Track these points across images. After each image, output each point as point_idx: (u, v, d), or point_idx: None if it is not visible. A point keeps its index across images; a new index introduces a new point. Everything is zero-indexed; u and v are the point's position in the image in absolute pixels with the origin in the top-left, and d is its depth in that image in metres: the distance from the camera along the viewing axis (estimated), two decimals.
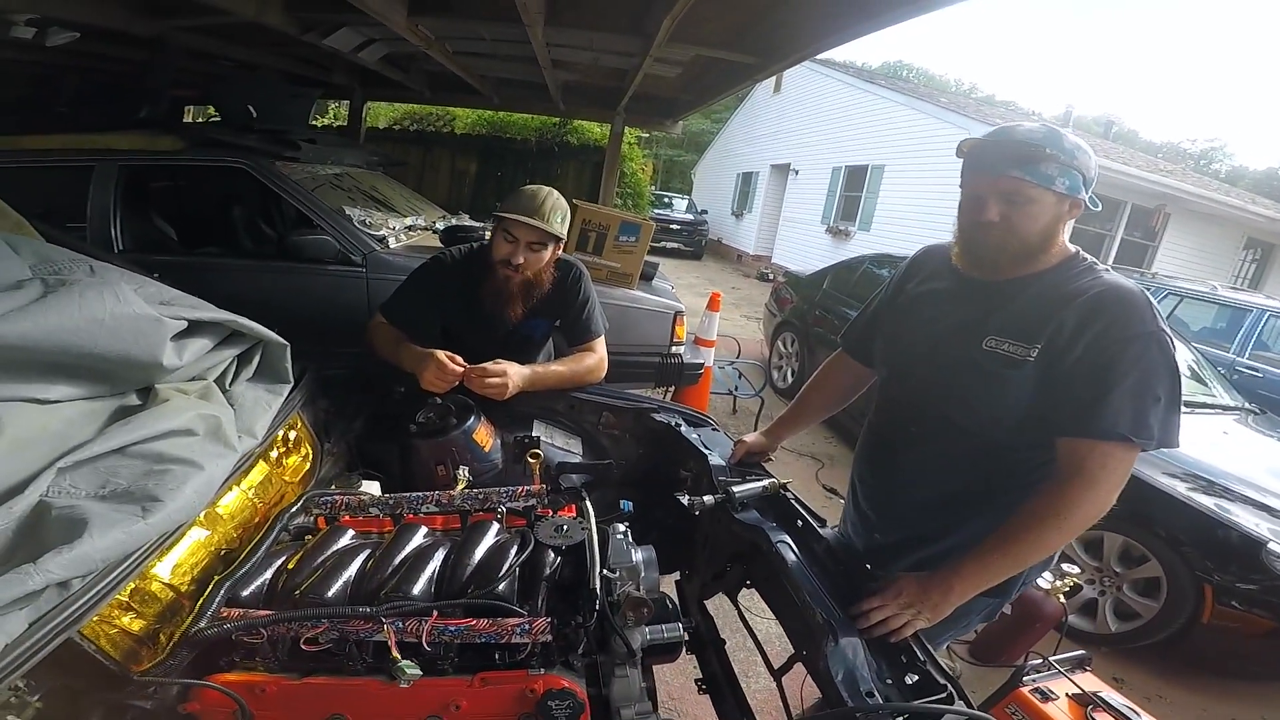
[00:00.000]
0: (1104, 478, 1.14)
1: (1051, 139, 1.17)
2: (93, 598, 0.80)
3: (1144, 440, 1.13)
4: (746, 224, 17.29)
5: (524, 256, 1.83)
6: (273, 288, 3.21)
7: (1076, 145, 1.18)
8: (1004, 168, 1.19)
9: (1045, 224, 1.22)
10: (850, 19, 2.92)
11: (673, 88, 5.42)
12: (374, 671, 0.96)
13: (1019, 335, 1.22)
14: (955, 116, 10.00)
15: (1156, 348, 1.14)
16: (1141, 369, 1.13)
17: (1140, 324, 1.15)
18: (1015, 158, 1.18)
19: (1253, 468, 2.91)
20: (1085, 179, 1.19)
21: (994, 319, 1.27)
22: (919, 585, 1.16)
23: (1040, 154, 1.16)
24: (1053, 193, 1.18)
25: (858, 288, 5.14)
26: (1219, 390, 3.83)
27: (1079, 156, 1.17)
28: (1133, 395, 1.13)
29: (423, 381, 1.64)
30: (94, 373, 1.00)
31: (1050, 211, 1.21)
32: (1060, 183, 1.17)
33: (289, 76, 5.98)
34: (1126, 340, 1.14)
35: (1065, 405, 1.18)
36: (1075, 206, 1.22)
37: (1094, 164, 1.20)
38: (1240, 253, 11.54)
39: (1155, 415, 1.13)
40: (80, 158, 3.16)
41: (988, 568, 1.18)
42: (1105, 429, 1.13)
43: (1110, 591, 2.84)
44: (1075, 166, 1.17)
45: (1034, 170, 1.17)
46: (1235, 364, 5.41)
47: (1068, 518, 1.15)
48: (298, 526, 1.25)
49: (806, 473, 4.15)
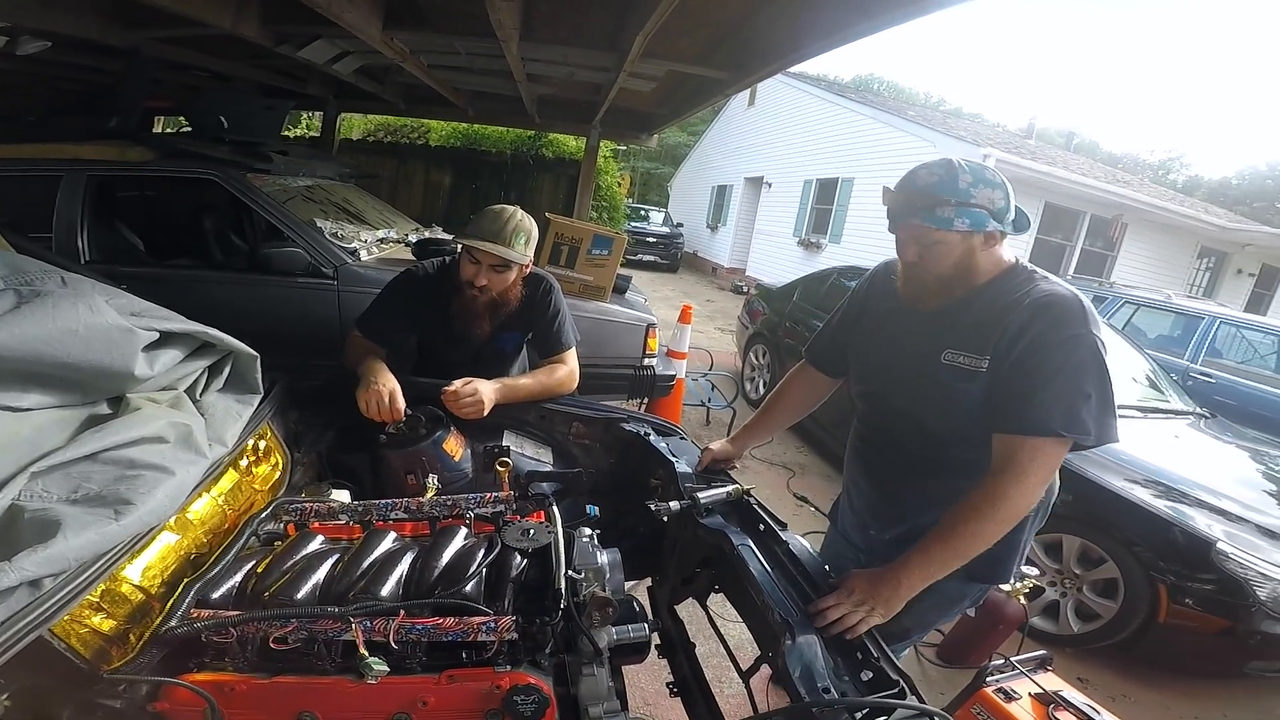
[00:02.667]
0: (1032, 471, 1.21)
1: (945, 184, 1.26)
2: (64, 597, 0.82)
3: (1078, 435, 1.20)
4: (721, 237, 17.43)
5: (487, 279, 1.86)
6: (243, 300, 3.20)
7: (975, 183, 1.26)
8: (908, 215, 1.30)
9: (957, 259, 1.32)
10: (819, 33, 2.98)
11: (648, 102, 5.47)
12: (343, 670, 0.97)
13: (972, 348, 1.31)
14: (922, 129, 10.24)
15: (1086, 349, 1.22)
16: (1071, 368, 1.21)
17: (1071, 327, 1.23)
18: (916, 206, 1.29)
19: (1204, 471, 2.99)
20: (993, 211, 1.27)
21: (948, 335, 1.36)
22: (869, 583, 1.21)
23: (936, 200, 1.26)
24: (955, 232, 1.27)
25: (826, 299, 5.20)
26: (1173, 396, 3.93)
27: (977, 194, 1.26)
28: (1063, 393, 1.20)
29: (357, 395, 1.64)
30: (66, 382, 1.02)
31: (958, 248, 1.31)
32: (960, 222, 1.25)
33: (263, 88, 5.95)
34: (1057, 342, 1.22)
35: (1000, 404, 1.26)
36: (990, 237, 1.31)
37: (1000, 195, 1.28)
38: (1195, 261, 11.89)
39: (1087, 412, 1.20)
40: (47, 167, 3.12)
41: (931, 561, 1.24)
42: (1036, 425, 1.21)
43: (1071, 593, 2.89)
44: (974, 205, 1.25)
45: (932, 215, 1.26)
46: (1189, 370, 5.56)
47: (1000, 510, 1.22)
48: (267, 532, 1.27)
49: (778, 482, 4.21)
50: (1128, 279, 9.69)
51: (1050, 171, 9.43)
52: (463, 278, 1.88)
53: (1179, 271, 11.54)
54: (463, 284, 1.89)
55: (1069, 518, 2.84)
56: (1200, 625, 2.55)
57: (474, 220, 1.88)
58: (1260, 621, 2.45)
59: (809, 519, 3.64)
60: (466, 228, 1.88)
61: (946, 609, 1.62)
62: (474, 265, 1.86)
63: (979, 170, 1.28)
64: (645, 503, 1.44)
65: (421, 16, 3.66)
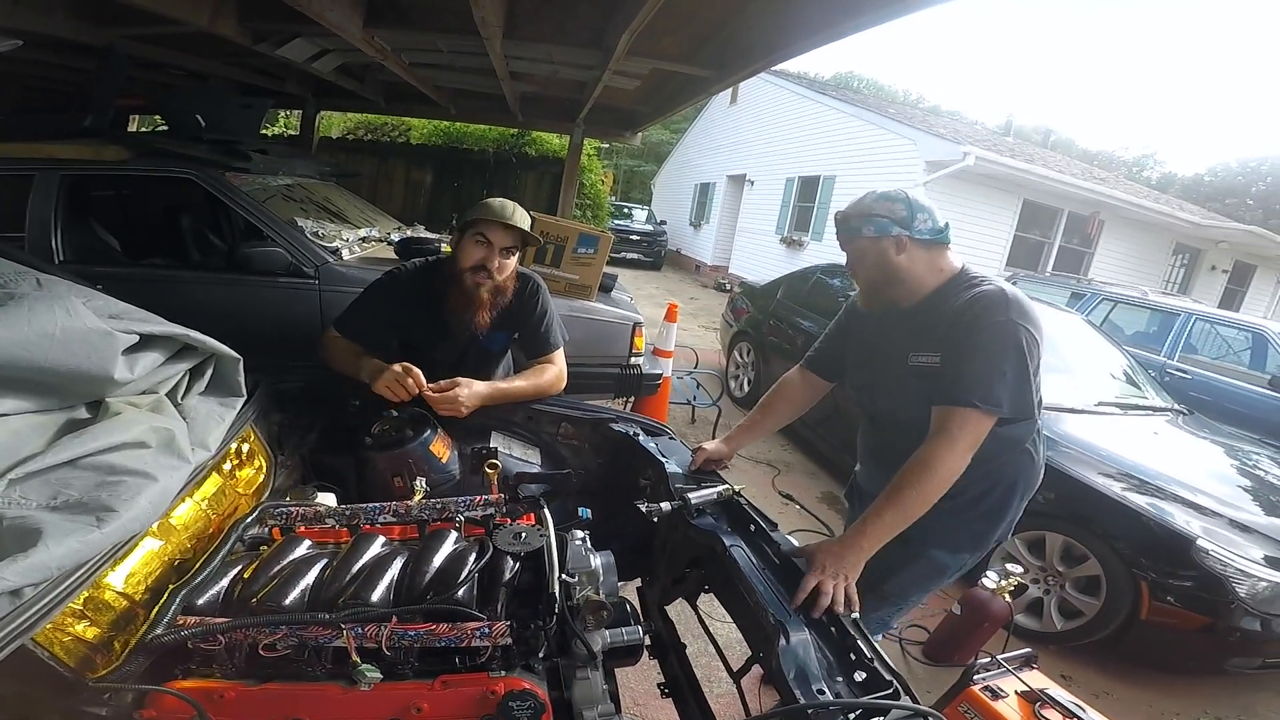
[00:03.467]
0: (960, 437, 1.39)
1: (856, 205, 1.58)
2: (46, 605, 0.81)
3: (991, 407, 1.39)
4: (704, 234, 17.46)
5: (497, 260, 1.85)
6: (222, 300, 3.15)
7: (878, 199, 1.55)
8: (838, 234, 1.64)
9: (874, 260, 1.57)
10: (802, 32, 2.99)
11: (632, 100, 5.47)
12: (334, 676, 0.96)
13: (929, 347, 1.52)
14: (903, 128, 10.28)
15: (1006, 333, 1.41)
16: (991, 350, 1.41)
17: (994, 315, 1.43)
18: (840, 226, 1.62)
19: (1182, 467, 3.01)
20: (895, 219, 1.52)
21: (911, 339, 1.57)
22: (834, 553, 1.31)
23: (848, 218, 1.58)
24: (864, 238, 1.55)
25: (810, 297, 5.25)
26: (1150, 392, 3.97)
27: (877, 206, 1.54)
28: (982, 370, 1.40)
29: (375, 386, 1.65)
30: (43, 386, 1.00)
31: (871, 251, 1.56)
32: (866, 230, 1.54)
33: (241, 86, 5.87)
34: (981, 327, 1.43)
35: (940, 382, 1.46)
36: (899, 242, 1.53)
37: (901, 206, 1.52)
38: (1170, 258, 12.10)
39: (1003, 387, 1.39)
40: (20, 166, 3.06)
41: (884, 522, 1.38)
42: (959, 396, 1.40)
43: (1054, 590, 2.92)
44: (875, 214, 1.53)
45: (846, 228, 1.59)
46: (1166, 367, 5.65)
47: (935, 470, 1.38)
48: (253, 537, 1.25)
49: (763, 479, 4.23)
50: (1105, 276, 9.85)
51: (1029, 169, 9.54)
52: (466, 264, 1.85)
53: (1155, 268, 11.74)
54: (463, 272, 1.86)
55: (1052, 515, 2.87)
56: (1181, 622, 2.57)
57: (478, 207, 1.87)
58: (1240, 618, 2.47)
59: (795, 516, 3.66)
60: (472, 213, 1.87)
61: (927, 580, 1.76)
62: (483, 248, 1.84)
63: (886, 192, 1.56)
64: (635, 503, 1.44)
65: (403, 14, 3.62)
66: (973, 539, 1.69)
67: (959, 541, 1.68)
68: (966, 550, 1.70)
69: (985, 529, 1.68)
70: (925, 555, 1.67)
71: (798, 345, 4.89)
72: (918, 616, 2.82)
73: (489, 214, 1.83)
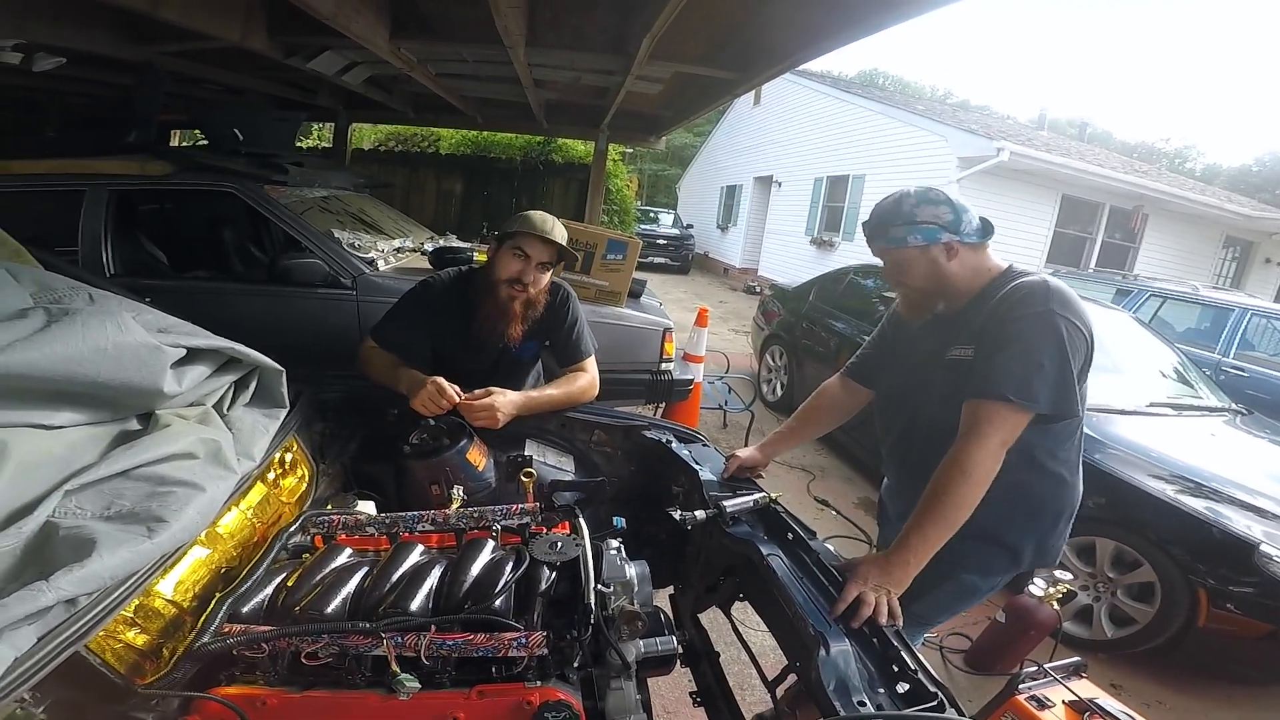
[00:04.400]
0: (991, 433, 1.31)
1: (894, 209, 1.45)
2: (99, 613, 0.83)
3: (1028, 402, 1.30)
4: (732, 237, 17.40)
5: (533, 275, 1.86)
6: (263, 311, 3.23)
7: (920, 203, 1.43)
8: (873, 241, 1.52)
9: (924, 270, 1.47)
10: (824, 32, 2.97)
11: (655, 104, 5.48)
12: (373, 685, 0.97)
13: (966, 341, 1.45)
14: (933, 124, 10.13)
15: (1045, 324, 1.32)
16: (1027, 340, 1.32)
17: (1033, 305, 1.35)
18: (877, 232, 1.49)
19: (1242, 469, 2.90)
20: (942, 224, 1.41)
21: (952, 336, 1.50)
22: (880, 567, 1.27)
23: (889, 224, 1.45)
24: (911, 248, 1.44)
25: (843, 299, 5.17)
26: (1205, 392, 3.83)
27: (921, 212, 1.42)
28: (1018, 362, 1.31)
29: (414, 403, 1.66)
30: (97, 399, 1.03)
31: (920, 261, 1.46)
32: (913, 239, 1.42)
33: (275, 100, 6.02)
34: (1018, 318, 1.35)
35: (972, 376, 1.38)
36: (950, 249, 1.44)
37: (945, 210, 1.42)
38: (1220, 251, 11.68)
39: (1040, 381, 1.30)
40: (72, 182, 3.17)
41: (925, 535, 1.31)
42: (990, 390, 1.32)
43: (1105, 597, 2.84)
44: (920, 221, 1.42)
45: (887, 237, 1.46)
46: (1221, 365, 5.43)
47: (967, 471, 1.30)
48: (296, 545, 1.27)
49: (798, 485, 4.18)
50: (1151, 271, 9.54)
51: (1066, 163, 9.31)
52: (503, 275, 1.87)
53: (1204, 262, 11.37)
54: (498, 283, 1.87)
55: (1103, 520, 2.78)
56: (1242, 630, 2.48)
57: (518, 219, 1.88)
58: None
59: (831, 522, 3.61)
60: (511, 224, 1.88)
61: (957, 602, 1.68)
62: (520, 261, 1.86)
63: (923, 192, 1.44)
64: (668, 510, 1.43)
65: (427, 25, 3.69)
66: (1009, 558, 1.59)
67: (992, 564, 1.60)
68: (999, 573, 1.62)
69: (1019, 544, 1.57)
70: (955, 578, 1.60)
71: (831, 348, 4.83)
72: (960, 624, 2.75)
73: (528, 227, 1.83)
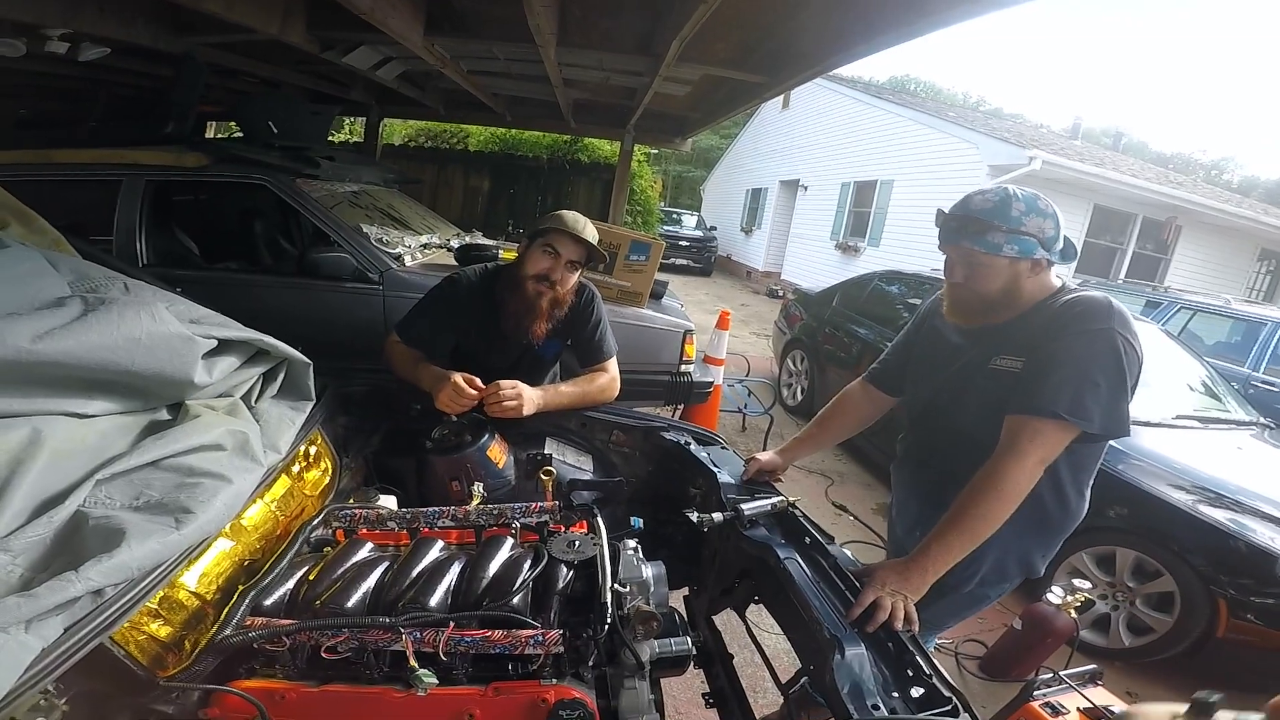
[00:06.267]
0: (1031, 451, 1.27)
1: (1000, 211, 1.33)
2: (125, 604, 0.84)
3: (1080, 421, 1.26)
4: (755, 240, 17.31)
5: (562, 273, 1.87)
6: (291, 304, 3.27)
7: (1028, 211, 1.32)
8: (959, 238, 1.38)
9: (1004, 283, 1.39)
10: (855, 38, 2.94)
11: (682, 106, 5.47)
12: (391, 680, 0.98)
13: (1015, 351, 1.39)
14: (964, 131, 9.99)
15: (1103, 341, 1.28)
16: (1084, 358, 1.27)
17: (1092, 321, 1.30)
18: (969, 230, 1.36)
19: (1268, 482, 2.87)
20: (1042, 240, 1.33)
21: (998, 347, 1.43)
22: (898, 573, 1.25)
23: (988, 226, 1.33)
24: (1004, 258, 1.34)
25: (868, 305, 5.12)
26: (1233, 405, 3.79)
27: (1028, 223, 1.32)
28: (1072, 379, 1.26)
29: (437, 401, 1.67)
30: (130, 389, 1.05)
31: (1005, 273, 1.38)
32: (1010, 249, 1.32)
33: (310, 93, 6.09)
34: (1076, 334, 1.30)
35: (1019, 389, 1.33)
36: (1037, 265, 1.37)
37: (1051, 224, 1.33)
38: (1254, 264, 11.41)
39: (1094, 400, 1.26)
40: (108, 172, 3.23)
41: (948, 545, 1.29)
42: (1041, 406, 1.27)
43: (1123, 606, 2.82)
44: (1024, 233, 1.32)
45: (982, 240, 1.33)
46: (1250, 379, 5.32)
47: (1001, 487, 1.27)
48: (318, 539, 1.29)
49: (816, 490, 4.16)
50: (1183, 283, 9.34)
51: (1100, 173, 9.13)
52: (531, 272, 1.87)
53: (1237, 275, 11.11)
54: (526, 280, 1.88)
55: (1123, 530, 2.77)
56: (1263, 641, 2.47)
57: (550, 217, 1.89)
58: None
59: (848, 527, 3.58)
60: (543, 222, 1.89)
61: (966, 610, 1.66)
62: (550, 259, 1.86)
63: (1032, 199, 1.34)
64: (685, 512, 1.43)
65: (461, 22, 3.71)
66: (1020, 565, 1.56)
67: (1003, 573, 1.57)
68: (1010, 579, 1.59)
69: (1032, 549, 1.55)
70: (967, 585, 1.56)
71: (854, 354, 4.79)
72: (976, 631, 2.73)
73: (561, 224, 1.84)
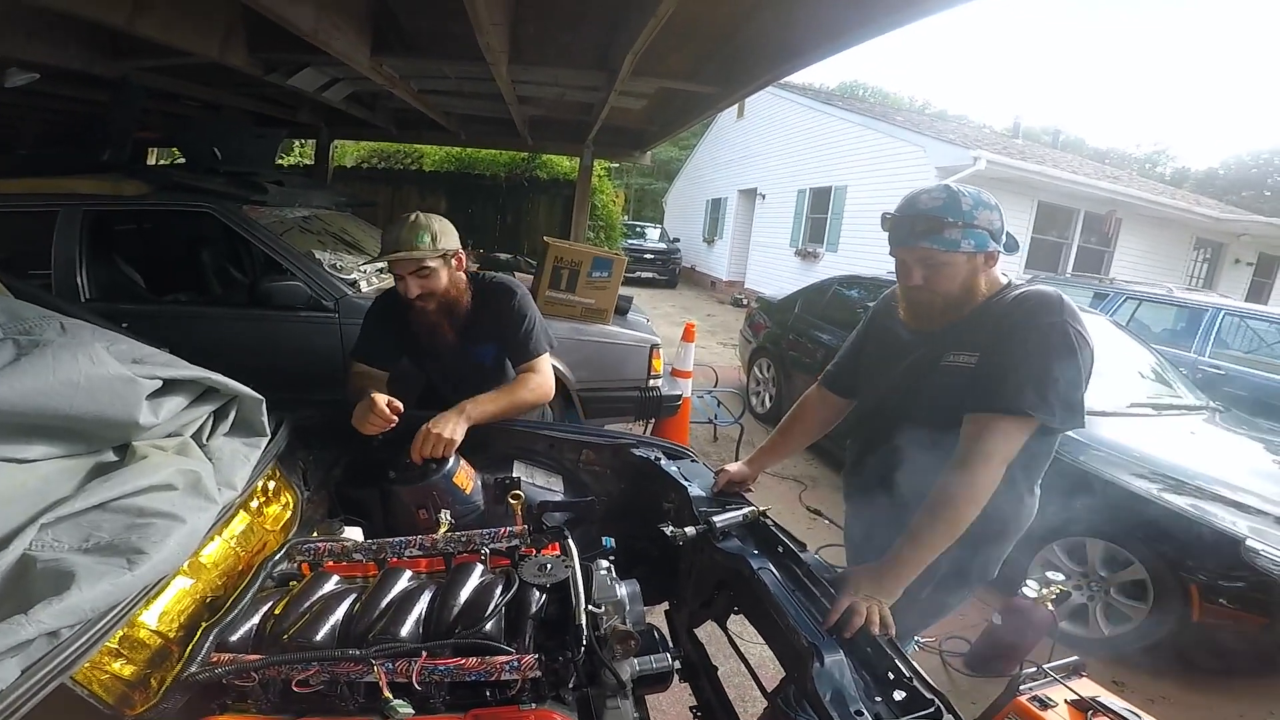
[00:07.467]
0: (996, 449, 1.27)
1: (950, 207, 1.32)
2: (82, 645, 0.82)
3: (1045, 416, 1.26)
4: (718, 250, 17.45)
5: (417, 286, 1.85)
6: (245, 335, 3.17)
7: (977, 205, 1.33)
8: (913, 239, 1.36)
9: (963, 279, 1.39)
10: (803, 46, 2.99)
11: (639, 119, 5.50)
12: (366, 711, 0.96)
13: (968, 347, 1.39)
14: (912, 134, 10.26)
15: (1058, 335, 1.29)
16: (1041, 352, 1.28)
17: (1045, 315, 1.31)
18: (922, 229, 1.34)
19: (1223, 465, 2.94)
20: (993, 232, 1.34)
21: (950, 343, 1.43)
22: (872, 578, 1.25)
23: (942, 223, 1.32)
24: (961, 253, 1.34)
25: (829, 310, 5.21)
26: (1183, 391, 3.88)
27: (979, 215, 1.32)
28: (1034, 375, 1.27)
29: (356, 424, 1.63)
30: (70, 433, 1.01)
31: (964, 268, 1.37)
32: (966, 244, 1.32)
33: (255, 116, 5.96)
34: (1031, 328, 1.30)
35: (977, 388, 1.32)
36: (990, 257, 1.39)
37: (997, 216, 1.35)
38: (1191, 253, 11.90)
39: (1055, 394, 1.26)
40: (43, 203, 3.09)
41: (920, 547, 1.28)
42: (1002, 403, 1.27)
43: (1099, 596, 2.86)
44: (977, 226, 1.32)
45: (939, 238, 1.33)
46: (1198, 364, 5.50)
47: (969, 486, 1.26)
48: (282, 573, 1.25)
49: (790, 495, 4.18)
50: (1126, 274, 9.70)
51: (1042, 171, 9.47)
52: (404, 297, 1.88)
53: (1177, 264, 11.56)
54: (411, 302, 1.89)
55: (1090, 520, 2.79)
56: (1237, 623, 2.50)
57: (381, 238, 1.89)
58: None
59: (824, 531, 3.61)
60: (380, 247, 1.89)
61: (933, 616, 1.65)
62: (401, 280, 1.86)
63: (976, 193, 1.35)
64: (659, 527, 1.43)
65: (409, 42, 3.68)
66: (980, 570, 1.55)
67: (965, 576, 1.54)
68: (970, 585, 1.58)
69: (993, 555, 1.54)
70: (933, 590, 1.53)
71: (818, 359, 4.86)
72: (959, 628, 2.76)
73: (384, 249, 1.85)
